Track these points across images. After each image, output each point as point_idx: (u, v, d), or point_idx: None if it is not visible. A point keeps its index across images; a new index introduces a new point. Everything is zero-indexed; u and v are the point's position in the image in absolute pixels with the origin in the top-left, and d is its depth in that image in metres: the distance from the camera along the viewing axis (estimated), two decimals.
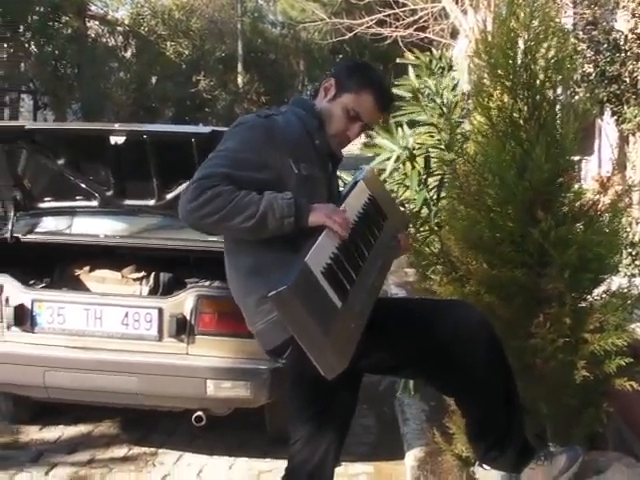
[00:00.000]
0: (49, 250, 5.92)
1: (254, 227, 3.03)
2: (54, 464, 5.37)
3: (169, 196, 5.73)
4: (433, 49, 7.57)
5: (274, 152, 3.17)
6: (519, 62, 3.98)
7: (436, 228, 5.63)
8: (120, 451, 5.58)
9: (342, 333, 2.93)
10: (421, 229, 5.73)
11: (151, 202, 5.83)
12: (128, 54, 21.22)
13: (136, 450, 5.60)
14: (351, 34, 15.67)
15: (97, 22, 21.39)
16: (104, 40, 20.87)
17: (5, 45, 15.20)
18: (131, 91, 19.60)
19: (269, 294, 2.79)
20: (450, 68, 6.59)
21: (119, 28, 21.26)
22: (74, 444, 5.69)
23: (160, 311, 4.95)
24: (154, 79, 21.32)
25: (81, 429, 5.93)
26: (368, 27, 15.18)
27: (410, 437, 5.41)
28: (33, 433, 5.85)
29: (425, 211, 5.95)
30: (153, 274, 5.87)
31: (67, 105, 17.63)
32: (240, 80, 25.68)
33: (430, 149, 6.12)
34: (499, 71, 4.00)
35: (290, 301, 2.78)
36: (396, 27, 14.68)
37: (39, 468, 5.31)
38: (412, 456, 5.10)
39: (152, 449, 5.60)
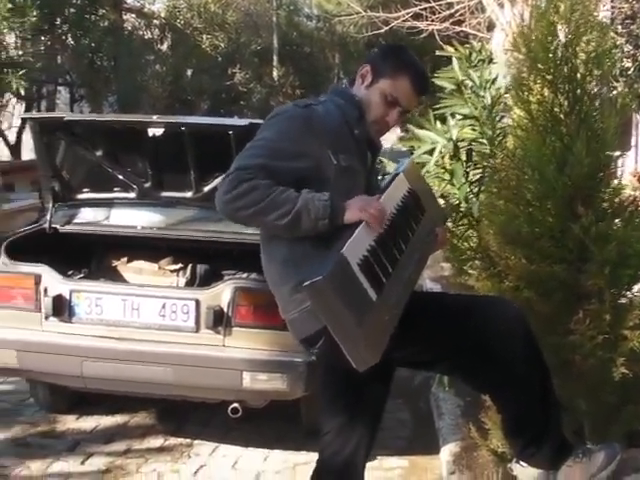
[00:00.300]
0: (87, 241, 5.96)
1: (288, 225, 3.03)
2: (90, 453, 5.41)
3: (206, 188, 5.73)
4: (473, 42, 7.51)
5: (313, 142, 3.15)
6: (559, 55, 3.95)
7: (474, 223, 5.60)
8: (156, 442, 5.61)
9: (376, 326, 2.92)
10: (459, 223, 5.70)
11: (188, 194, 5.84)
12: (164, 47, 21.26)
13: (172, 441, 5.62)
14: (387, 27, 15.59)
15: (133, 15, 21.45)
16: (140, 33, 20.91)
17: (42, 38, 15.26)
18: (167, 84, 19.63)
19: (304, 284, 2.78)
20: (490, 61, 6.53)
21: (155, 21, 21.30)
22: (110, 434, 5.73)
23: (197, 303, 4.96)
24: (190, 72, 21.36)
25: (117, 419, 5.96)
26: (404, 20, 15.09)
27: (445, 432, 5.40)
28: (70, 423, 5.89)
29: (464, 205, 5.91)
30: (190, 266, 5.89)
31: (103, 97, 17.69)
32: (275, 73, 25.70)
33: (472, 143, 6.08)
34: (539, 65, 3.97)
35: (325, 292, 2.78)
36: (432, 20, 14.58)
37: (75, 457, 5.35)
38: (447, 451, 5.09)
39: (187, 440, 5.62)
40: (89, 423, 5.89)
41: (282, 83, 25.94)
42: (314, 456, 5.06)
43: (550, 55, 3.93)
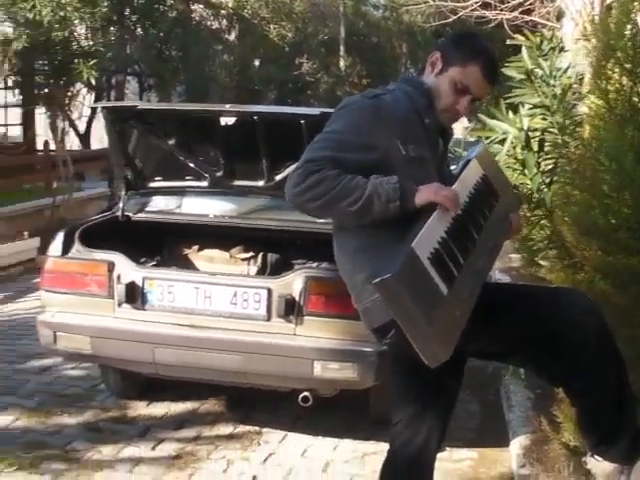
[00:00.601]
0: (158, 229, 6.02)
1: (359, 211, 3.03)
2: (161, 439, 5.46)
3: (278, 177, 5.75)
4: (542, 30, 7.41)
5: (381, 133, 3.14)
6: (639, 43, 3.89)
7: (547, 213, 5.55)
8: (225, 429, 5.64)
9: (447, 321, 2.90)
10: (532, 214, 5.64)
11: (260, 183, 5.86)
12: (232, 37, 21.34)
13: (241, 428, 5.65)
14: (455, 17, 15.47)
15: (201, 5, 21.55)
16: (208, 23, 21.01)
17: (112, 28, 15.41)
18: (234, 74, 19.73)
19: (374, 281, 2.78)
20: (561, 49, 6.44)
21: (223, 11, 21.37)
22: (180, 420, 5.77)
23: (269, 291, 4.98)
24: (257, 62, 21.44)
25: (187, 406, 6.00)
26: (472, 10, 14.95)
27: (515, 424, 5.35)
28: (140, 409, 5.95)
29: (536, 195, 5.85)
30: (261, 254, 5.91)
31: (172, 87, 17.82)
32: (342, 63, 25.62)
33: (544, 132, 6.00)
34: (617, 53, 3.91)
35: (395, 289, 2.76)
36: (501, 10, 14.44)
37: (146, 443, 5.40)
38: (517, 443, 5.04)
39: (257, 428, 5.64)
40: (159, 409, 5.95)
41: (349, 73, 25.85)
42: (383, 446, 5.06)
43: (629, 43, 3.87)
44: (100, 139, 19.89)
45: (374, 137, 3.14)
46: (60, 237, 5.38)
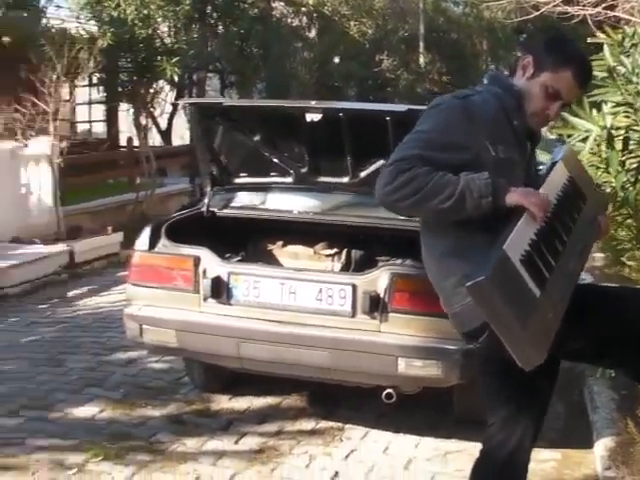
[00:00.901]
0: (243, 225, 6.06)
1: (451, 208, 3.02)
2: (243, 433, 5.49)
3: (363, 174, 5.75)
4: (625, 27, 7.27)
5: (471, 134, 3.14)
6: None
7: (632, 212, 5.46)
8: (307, 424, 5.65)
9: (540, 324, 2.88)
10: (617, 213, 5.56)
11: (345, 180, 5.86)
12: (312, 34, 21.42)
13: (323, 424, 5.65)
14: (536, 13, 15.31)
15: (282, 3, 21.67)
16: (288, 21, 21.13)
17: (193, 26, 15.60)
18: (314, 70, 19.79)
19: (466, 284, 2.77)
20: None
21: (303, 9, 21.47)
22: (263, 415, 5.80)
23: (354, 288, 4.97)
24: (337, 59, 21.46)
25: (269, 401, 6.03)
26: (554, 5, 14.78)
27: (600, 426, 5.27)
28: (223, 402, 6.00)
29: (621, 194, 5.76)
30: (345, 251, 5.91)
31: (252, 84, 17.96)
32: (422, 60, 25.56)
33: (629, 130, 5.90)
34: None
35: (488, 292, 2.75)
36: (583, 5, 14.24)
37: (229, 437, 5.44)
38: (602, 445, 4.96)
39: (339, 424, 5.64)
40: (242, 403, 5.98)
41: (428, 70, 25.78)
42: (466, 445, 5.07)
43: None
44: (181, 136, 20.15)
45: (464, 137, 3.14)
46: (147, 232, 5.45)
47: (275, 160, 6.01)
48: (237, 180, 6.18)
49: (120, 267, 10.51)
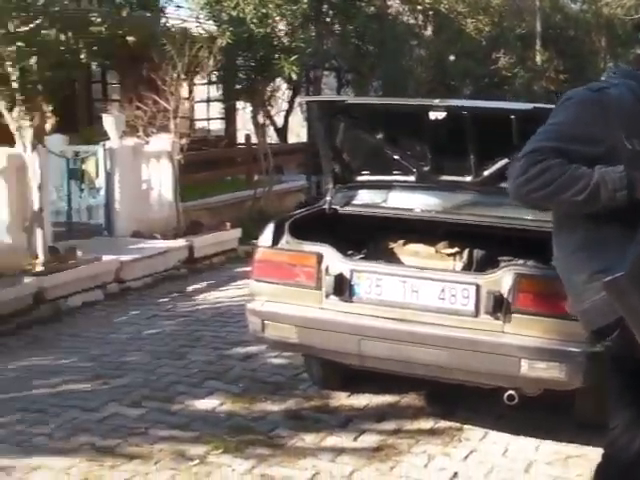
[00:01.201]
0: (364, 222, 6.06)
1: (585, 200, 3.00)
2: (362, 431, 5.51)
3: (486, 173, 5.72)
4: None
5: (605, 126, 3.11)
6: None
7: None
8: (426, 424, 5.63)
9: None
10: None
11: (467, 178, 5.83)
12: (428, 32, 21.30)
13: (442, 424, 5.63)
14: None
15: (397, 1, 21.60)
16: (404, 18, 21.04)
17: (310, 24, 15.68)
18: (429, 68, 19.68)
19: (604, 280, 2.74)
20: None
21: (419, 6, 21.35)
22: (381, 413, 5.81)
23: (477, 287, 4.94)
24: (452, 56, 21.30)
25: (387, 399, 6.03)
26: None
27: None
28: (342, 399, 6.02)
29: None
30: (466, 250, 5.87)
31: (369, 82, 17.96)
32: (539, 57, 25.16)
33: None
34: None
35: (626, 289, 2.72)
36: None
37: (348, 434, 5.46)
38: None
39: (457, 424, 5.61)
40: (360, 401, 6.00)
41: (545, 67, 25.35)
42: (588, 450, 4.99)
43: None
44: (297, 134, 20.31)
45: (598, 130, 3.11)
46: (270, 228, 5.51)
47: (397, 158, 6.01)
48: (359, 178, 6.20)
49: (238, 263, 10.69)
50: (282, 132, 19.73)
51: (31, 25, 8.31)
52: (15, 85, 8.66)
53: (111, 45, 10.13)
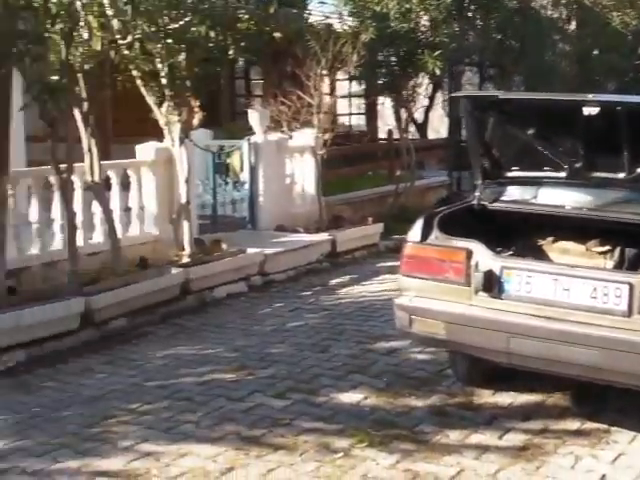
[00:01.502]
0: (512, 219, 6.01)
1: None
2: (507, 429, 5.46)
3: (639, 170, 5.58)
4: None
5: None
6: None
7: None
8: (572, 424, 5.54)
9: None
10: None
11: (620, 175, 5.70)
12: (571, 26, 20.88)
13: (588, 425, 5.52)
14: None
15: None
16: (548, 12, 20.68)
17: (452, 19, 15.58)
18: (572, 63, 19.30)
19: None
20: None
21: (562, 0, 20.97)
22: (526, 411, 5.75)
23: (631, 287, 4.83)
24: (596, 51, 20.82)
25: (532, 398, 5.96)
26: None
27: None
28: (486, 396, 5.99)
29: None
30: (618, 249, 5.75)
31: (511, 78, 17.72)
32: None
33: None
34: None
35: None
36: None
37: (492, 432, 5.43)
38: None
39: (605, 426, 5.50)
40: (505, 399, 5.95)
41: None
42: None
43: None
44: (436, 129, 20.22)
45: None
46: (419, 224, 5.52)
47: (548, 154, 5.92)
48: (508, 174, 6.13)
49: (380, 258, 10.72)
50: (422, 127, 19.67)
51: (181, 22, 8.50)
52: (164, 81, 8.90)
53: (258, 41, 10.29)
